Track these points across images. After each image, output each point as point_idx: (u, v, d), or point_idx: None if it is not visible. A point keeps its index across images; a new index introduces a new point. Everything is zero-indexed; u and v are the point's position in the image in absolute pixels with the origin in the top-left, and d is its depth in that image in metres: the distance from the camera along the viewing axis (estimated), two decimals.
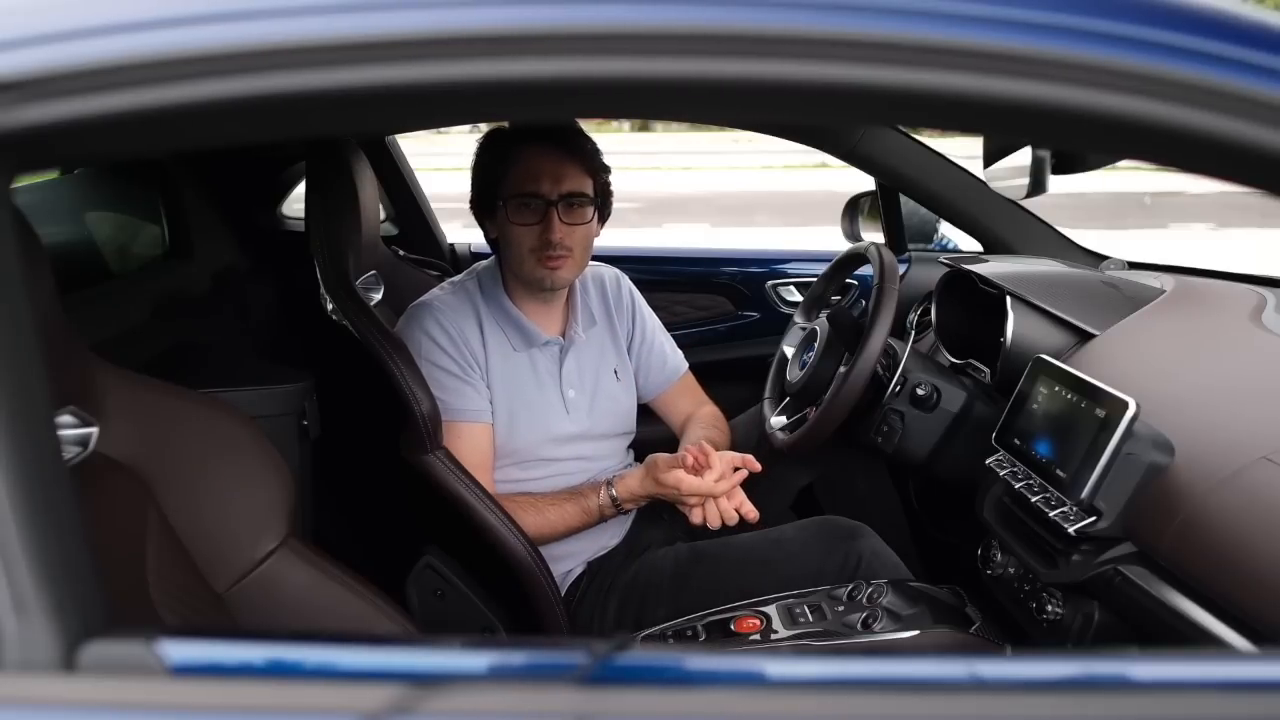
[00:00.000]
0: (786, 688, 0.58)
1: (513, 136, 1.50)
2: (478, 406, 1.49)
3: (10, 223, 0.59)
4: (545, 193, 1.45)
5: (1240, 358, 1.29)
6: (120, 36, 0.56)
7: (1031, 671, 0.58)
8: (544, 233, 1.45)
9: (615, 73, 0.56)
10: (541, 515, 1.48)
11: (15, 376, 0.56)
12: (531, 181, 1.45)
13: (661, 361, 1.75)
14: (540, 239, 1.46)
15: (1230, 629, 0.91)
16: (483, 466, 1.49)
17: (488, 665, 0.59)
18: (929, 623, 1.29)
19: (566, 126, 1.52)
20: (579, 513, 1.50)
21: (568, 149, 1.48)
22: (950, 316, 1.78)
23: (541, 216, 1.45)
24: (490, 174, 1.50)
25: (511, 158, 1.47)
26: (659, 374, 1.75)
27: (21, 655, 0.55)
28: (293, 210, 2.72)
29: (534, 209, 1.45)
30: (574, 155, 1.48)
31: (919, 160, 2.06)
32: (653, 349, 1.74)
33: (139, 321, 1.94)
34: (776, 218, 9.81)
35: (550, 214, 1.45)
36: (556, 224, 1.45)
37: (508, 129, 1.53)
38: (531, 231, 1.46)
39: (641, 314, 1.74)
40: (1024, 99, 0.55)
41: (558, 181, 1.45)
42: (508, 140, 1.50)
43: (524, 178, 1.46)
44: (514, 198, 1.46)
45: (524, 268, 1.49)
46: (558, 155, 1.46)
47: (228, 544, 1.05)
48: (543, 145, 1.47)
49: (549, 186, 1.45)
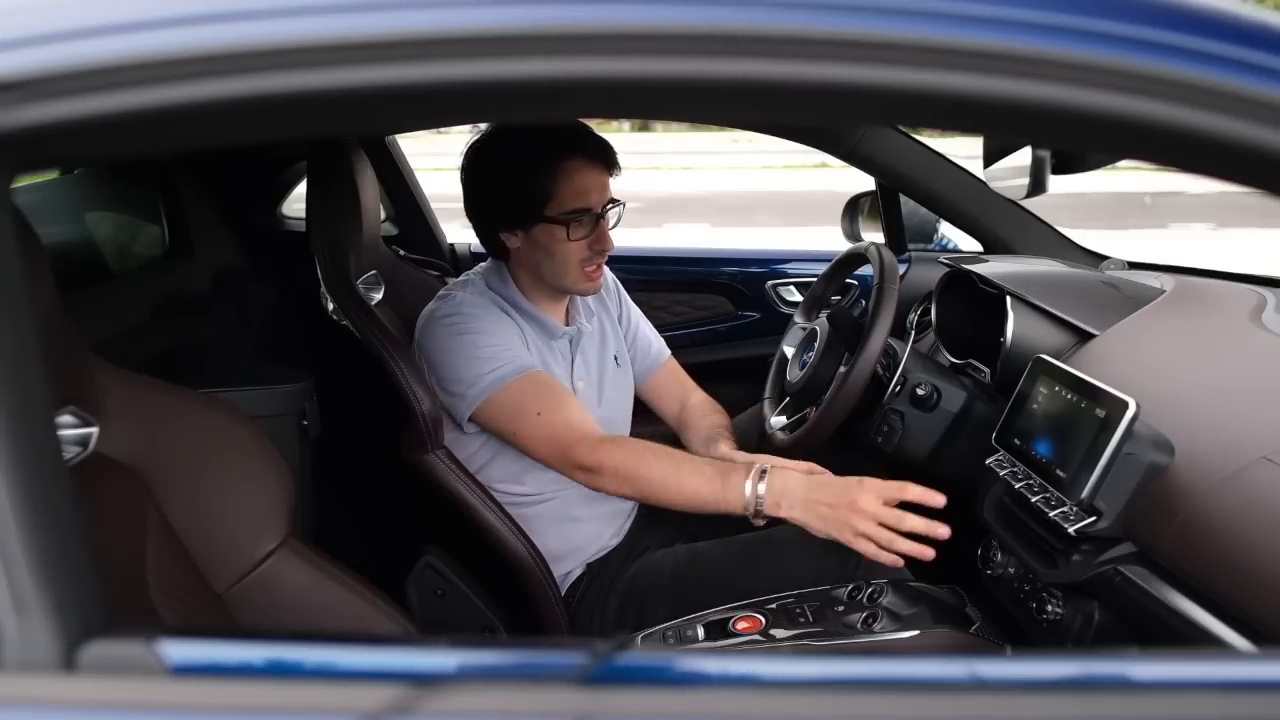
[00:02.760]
0: (786, 688, 0.58)
1: (553, 151, 1.45)
2: (532, 361, 1.46)
3: (10, 223, 0.59)
4: (594, 205, 1.46)
5: (1240, 358, 1.29)
6: (120, 36, 0.56)
7: (1031, 671, 0.58)
8: (595, 244, 1.47)
9: (615, 73, 0.56)
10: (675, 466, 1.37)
11: (15, 376, 0.56)
12: (584, 197, 1.45)
13: (646, 347, 1.77)
14: (591, 250, 1.48)
15: (1230, 629, 0.91)
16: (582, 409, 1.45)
17: (488, 665, 0.59)
18: (929, 623, 1.29)
19: (596, 135, 1.50)
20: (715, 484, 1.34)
21: (605, 159, 1.48)
22: (950, 316, 1.78)
23: (592, 229, 1.47)
24: (529, 190, 1.44)
25: (558, 173, 1.44)
26: (644, 359, 1.77)
27: (21, 655, 0.55)
28: (293, 210, 2.72)
29: (585, 223, 1.46)
30: (610, 165, 1.49)
31: (919, 160, 2.06)
32: (638, 335, 1.77)
33: (139, 321, 1.95)
34: (776, 218, 9.80)
35: (601, 226, 1.48)
36: (608, 235, 1.48)
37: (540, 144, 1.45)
38: (583, 245, 1.47)
39: (626, 301, 1.77)
40: (1024, 99, 0.55)
41: (603, 193, 1.48)
42: (548, 156, 1.45)
43: (578, 194, 1.44)
44: (569, 214, 1.44)
45: (567, 279, 1.50)
46: (599, 167, 1.47)
47: (227, 544, 1.05)
48: (586, 159, 1.46)
49: (597, 199, 1.47)
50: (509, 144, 1.48)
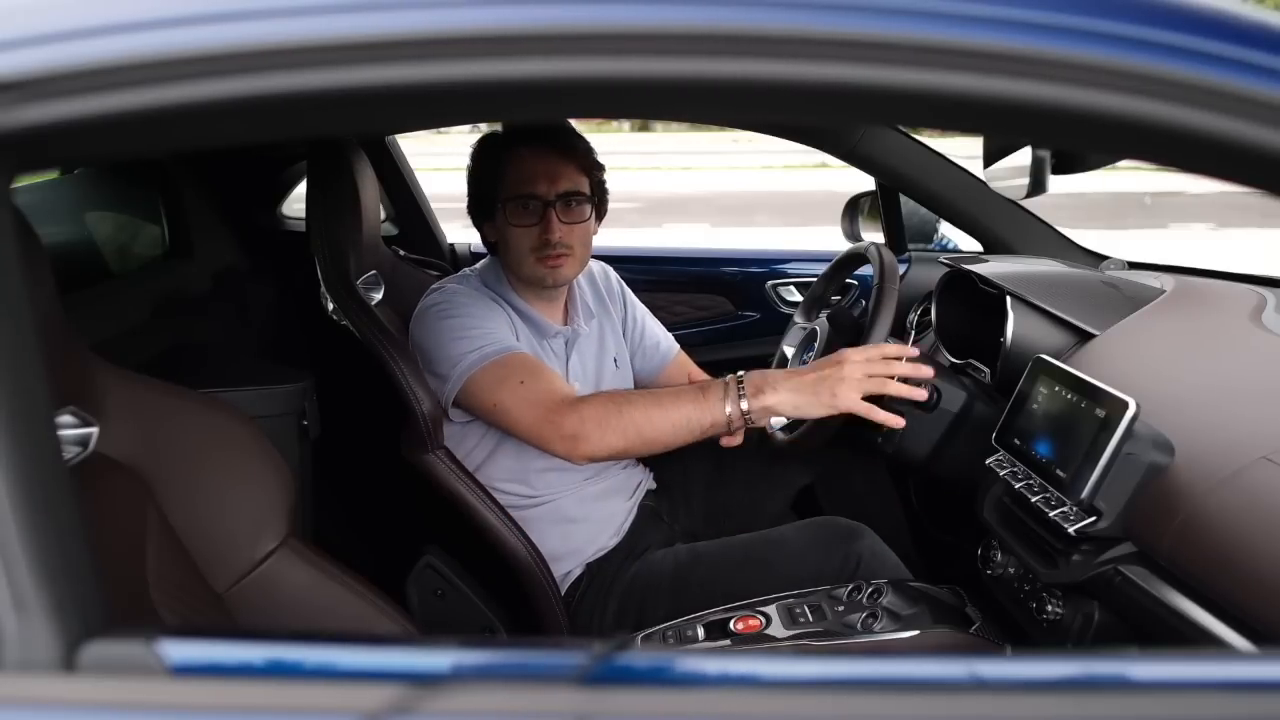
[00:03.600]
0: (786, 688, 0.58)
1: (506, 140, 1.51)
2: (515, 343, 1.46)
3: (10, 223, 0.59)
4: (542, 193, 1.47)
5: (1240, 358, 1.29)
6: (120, 36, 0.56)
7: (1031, 671, 0.58)
8: (543, 233, 1.47)
9: (615, 73, 0.56)
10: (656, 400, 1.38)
11: (15, 376, 0.56)
12: (528, 183, 1.47)
13: (655, 344, 1.79)
14: (540, 239, 1.47)
15: (1230, 629, 0.91)
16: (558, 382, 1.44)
17: (488, 665, 0.59)
18: (929, 623, 1.29)
19: (559, 127, 1.53)
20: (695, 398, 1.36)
21: (562, 149, 1.49)
22: (950, 316, 1.78)
23: (540, 217, 1.47)
24: (486, 178, 1.51)
25: (506, 160, 1.48)
26: (654, 356, 1.78)
27: (21, 655, 0.55)
28: (293, 210, 2.72)
29: (532, 210, 1.47)
30: (568, 155, 1.49)
31: (919, 160, 2.06)
32: (645, 333, 1.78)
33: (139, 321, 1.95)
34: (776, 218, 9.81)
35: (549, 214, 1.47)
36: (555, 224, 1.47)
37: (501, 133, 1.53)
38: (530, 232, 1.47)
39: (630, 300, 1.78)
40: (1024, 99, 0.55)
41: (554, 181, 1.47)
42: (502, 144, 1.51)
43: (521, 179, 1.47)
44: (512, 200, 1.48)
45: (524, 268, 1.51)
46: (553, 156, 1.48)
47: (227, 544, 1.05)
48: (537, 147, 1.48)
49: (545, 187, 1.47)
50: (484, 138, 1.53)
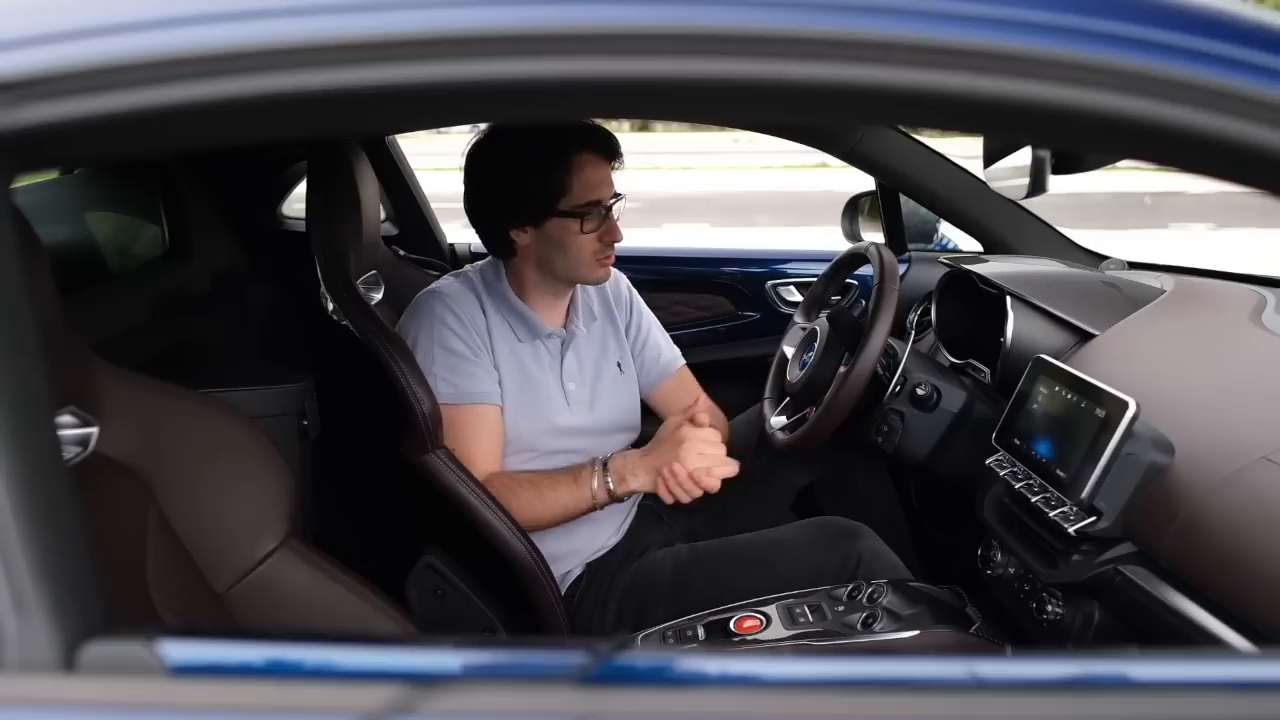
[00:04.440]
0: (786, 688, 0.58)
1: (561, 147, 1.47)
2: (488, 388, 1.50)
3: (10, 223, 0.59)
4: (605, 198, 1.50)
5: (1240, 358, 1.29)
6: (120, 37, 0.56)
7: (1031, 671, 0.58)
8: (607, 235, 1.51)
9: (615, 73, 0.56)
10: (537, 491, 1.46)
11: (15, 376, 0.56)
12: (596, 190, 1.49)
13: (656, 355, 1.77)
14: (603, 241, 1.51)
15: (1230, 629, 0.91)
16: (494, 448, 1.50)
17: (488, 665, 0.59)
18: (929, 623, 1.29)
19: (605, 130, 1.53)
20: (570, 486, 1.46)
21: (611, 153, 1.52)
22: (950, 316, 1.79)
23: (602, 222, 1.50)
24: (542, 186, 1.47)
25: (571, 169, 1.46)
26: (654, 368, 1.77)
27: (21, 655, 0.55)
28: (293, 210, 2.72)
29: (597, 216, 1.50)
30: (614, 158, 1.52)
31: (919, 160, 2.06)
32: (648, 343, 1.76)
33: (139, 321, 1.95)
34: (776, 218, 9.80)
35: (611, 218, 1.52)
36: (617, 226, 1.53)
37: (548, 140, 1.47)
38: (594, 238, 1.51)
39: (639, 308, 1.77)
40: (1024, 99, 0.55)
41: (611, 186, 1.52)
42: (558, 152, 1.47)
43: (590, 187, 1.48)
44: (583, 207, 1.48)
45: (580, 270, 1.53)
46: (606, 160, 1.51)
47: (227, 544, 1.05)
48: (597, 153, 1.50)
49: (607, 191, 1.51)
50: (518, 141, 1.49)
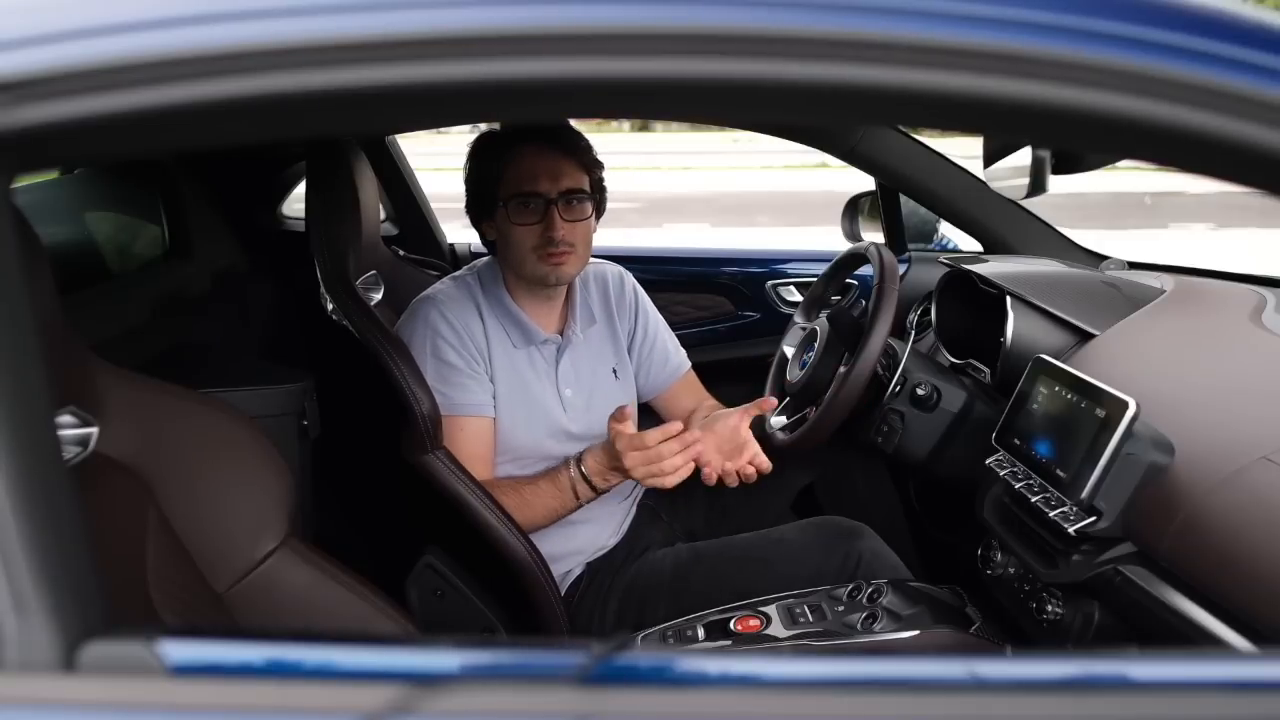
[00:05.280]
0: (786, 688, 0.58)
1: (507, 138, 1.50)
2: (481, 400, 1.50)
3: (10, 223, 0.59)
4: (545, 191, 1.46)
5: (1240, 358, 1.29)
6: (120, 36, 0.56)
7: (1031, 671, 0.58)
8: (546, 230, 1.47)
9: (615, 73, 0.56)
10: (521, 498, 1.46)
11: (15, 376, 0.56)
12: (530, 181, 1.46)
13: (664, 359, 1.75)
14: (542, 237, 1.47)
15: (1230, 629, 0.91)
16: (484, 460, 1.50)
17: (488, 665, 0.59)
18: (929, 623, 1.29)
19: (559, 125, 1.52)
20: (552, 490, 1.47)
21: (563, 147, 1.49)
22: (950, 316, 1.78)
23: (542, 215, 1.47)
24: (486, 177, 1.50)
25: (507, 159, 1.48)
26: (660, 372, 1.75)
27: (21, 655, 0.55)
28: (293, 210, 2.72)
29: (534, 208, 1.47)
30: (569, 153, 1.49)
31: (919, 160, 2.06)
32: (654, 347, 1.74)
33: (139, 321, 1.95)
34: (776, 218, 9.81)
35: (551, 212, 1.47)
36: (558, 221, 1.46)
37: (500, 131, 1.53)
38: (533, 230, 1.47)
39: (645, 311, 1.74)
40: (1024, 99, 0.55)
41: (556, 179, 1.47)
42: (502, 142, 1.51)
43: (523, 177, 1.47)
44: (514, 198, 1.47)
45: (525, 267, 1.50)
46: (554, 154, 1.48)
47: (227, 544, 1.05)
48: (538, 145, 1.48)
49: (548, 185, 1.47)
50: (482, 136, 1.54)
